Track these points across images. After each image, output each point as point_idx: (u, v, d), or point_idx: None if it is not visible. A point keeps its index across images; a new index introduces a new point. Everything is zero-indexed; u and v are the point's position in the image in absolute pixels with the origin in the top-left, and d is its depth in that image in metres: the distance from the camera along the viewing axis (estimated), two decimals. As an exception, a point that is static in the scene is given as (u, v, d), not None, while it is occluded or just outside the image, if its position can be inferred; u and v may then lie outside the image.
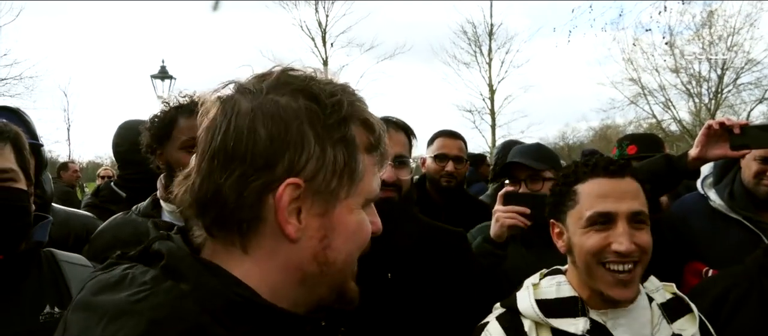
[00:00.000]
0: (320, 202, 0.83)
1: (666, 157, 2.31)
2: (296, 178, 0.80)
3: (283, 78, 0.85)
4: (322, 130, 0.82)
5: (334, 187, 0.83)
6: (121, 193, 2.89)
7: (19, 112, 2.11)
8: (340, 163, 0.83)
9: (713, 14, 22.64)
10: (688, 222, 2.43)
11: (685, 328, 1.51)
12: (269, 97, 0.82)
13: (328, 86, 0.86)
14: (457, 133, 3.23)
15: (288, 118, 0.80)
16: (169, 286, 0.76)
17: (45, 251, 1.62)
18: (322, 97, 0.83)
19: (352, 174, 0.85)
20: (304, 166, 0.80)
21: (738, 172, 2.36)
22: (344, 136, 0.84)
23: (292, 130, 0.80)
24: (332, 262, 0.86)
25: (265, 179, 0.79)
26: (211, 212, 0.82)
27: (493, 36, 26.72)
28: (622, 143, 3.36)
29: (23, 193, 1.50)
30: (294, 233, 0.81)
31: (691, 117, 24.83)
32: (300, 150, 0.80)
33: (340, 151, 0.83)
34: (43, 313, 1.50)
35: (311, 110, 0.82)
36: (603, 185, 1.48)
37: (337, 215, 0.85)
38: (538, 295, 1.52)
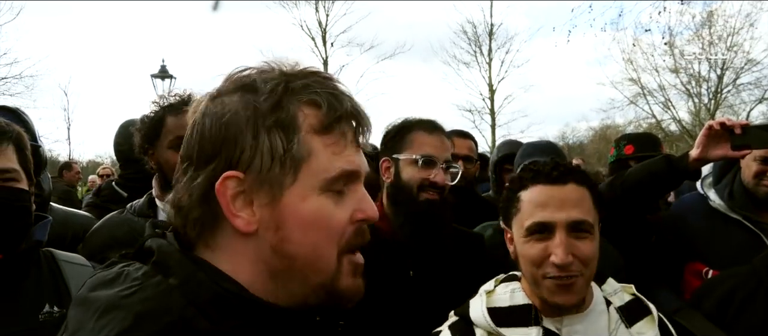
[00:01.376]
0: (266, 192, 0.82)
1: (666, 157, 2.30)
2: (233, 171, 0.80)
3: (235, 77, 0.87)
4: (255, 119, 0.81)
5: (277, 173, 0.81)
6: (123, 192, 2.89)
7: (19, 112, 2.10)
8: (277, 149, 0.81)
9: (713, 14, 22.68)
10: (688, 222, 2.43)
11: (644, 331, 1.46)
12: (218, 100, 0.84)
13: (272, 74, 0.85)
14: (467, 132, 3.24)
15: (226, 114, 0.82)
16: (157, 281, 0.78)
17: (44, 251, 1.63)
18: (259, 86, 0.83)
19: (292, 156, 0.81)
20: (239, 157, 0.81)
21: (738, 172, 2.36)
22: (278, 119, 0.81)
23: (228, 125, 0.81)
24: (293, 255, 0.83)
25: (205, 176, 0.81)
26: (179, 215, 0.85)
27: (493, 36, 26.73)
28: (620, 143, 3.33)
29: (25, 193, 1.50)
30: (245, 226, 0.81)
31: (690, 117, 24.85)
32: (234, 142, 0.81)
33: (275, 136, 0.81)
34: (42, 313, 1.50)
35: (247, 101, 0.82)
36: (543, 193, 1.42)
37: (286, 204, 0.82)
38: (492, 302, 1.47)
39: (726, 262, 2.15)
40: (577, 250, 1.38)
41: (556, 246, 1.38)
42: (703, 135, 2.13)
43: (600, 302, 1.49)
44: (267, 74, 0.85)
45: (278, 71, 0.86)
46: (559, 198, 1.40)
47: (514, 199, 1.48)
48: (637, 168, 2.35)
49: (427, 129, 2.00)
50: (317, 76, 0.87)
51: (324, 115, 0.84)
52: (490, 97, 26.94)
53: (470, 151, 3.12)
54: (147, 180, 2.22)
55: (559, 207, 1.39)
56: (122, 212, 2.10)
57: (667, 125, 25.66)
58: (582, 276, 1.39)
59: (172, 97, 2.00)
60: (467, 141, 3.14)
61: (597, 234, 1.44)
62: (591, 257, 1.40)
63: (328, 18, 25.41)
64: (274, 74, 0.85)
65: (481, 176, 5.98)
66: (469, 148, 3.12)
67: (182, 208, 0.84)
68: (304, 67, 0.88)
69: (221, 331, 0.77)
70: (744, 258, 2.02)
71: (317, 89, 0.84)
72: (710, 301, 1.87)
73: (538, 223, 1.40)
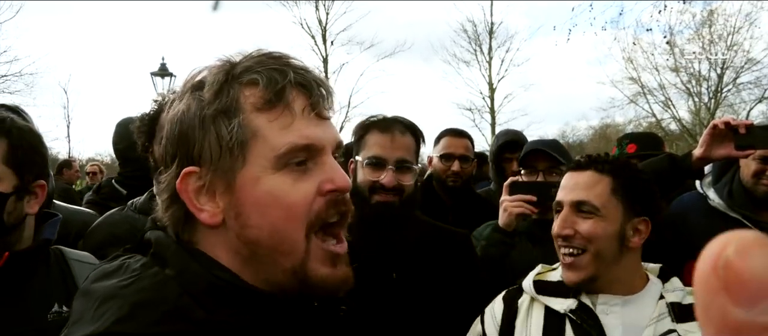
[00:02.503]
0: (222, 181, 0.83)
1: (669, 156, 2.30)
2: (190, 167, 0.83)
3: (188, 79, 0.89)
4: (201, 111, 0.83)
5: (228, 160, 0.82)
6: (122, 190, 2.91)
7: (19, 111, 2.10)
8: (223, 135, 0.81)
9: (713, 13, 22.65)
10: (687, 221, 2.43)
11: (693, 330, 1.49)
12: (175, 103, 0.88)
13: (220, 66, 0.86)
14: (464, 131, 3.20)
15: (178, 114, 0.85)
16: (154, 271, 0.81)
17: (54, 249, 1.61)
18: (205, 82, 0.85)
19: (237, 140, 0.81)
20: (193, 152, 0.83)
21: (737, 171, 2.36)
22: (220, 106, 0.82)
23: (181, 123, 0.84)
24: (255, 240, 0.82)
25: (171, 175, 0.85)
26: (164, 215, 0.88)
27: (494, 34, 26.70)
28: (622, 142, 3.35)
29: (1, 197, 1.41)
30: (209, 219, 0.83)
31: (690, 116, 24.83)
32: (187, 139, 0.83)
33: (220, 124, 0.82)
34: (51, 312, 1.48)
35: (195, 97, 0.84)
36: (567, 178, 1.65)
37: (240, 188, 0.82)
38: (543, 277, 1.67)
39: (725, 261, 2.16)
40: (577, 225, 1.55)
41: (558, 219, 1.60)
42: (707, 134, 2.12)
43: (651, 294, 1.56)
44: (214, 68, 0.86)
45: (224, 61, 0.86)
46: (574, 181, 1.60)
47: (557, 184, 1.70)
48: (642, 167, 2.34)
49: (380, 128, 1.90)
50: (264, 56, 0.86)
51: (262, 90, 0.82)
52: (490, 95, 26.93)
53: (467, 150, 3.09)
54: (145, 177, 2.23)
55: (572, 189, 1.60)
56: (123, 209, 2.11)
57: (667, 124, 25.65)
58: (587, 252, 1.52)
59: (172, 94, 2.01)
60: (463, 140, 3.11)
61: (612, 219, 1.54)
62: (592, 235, 1.53)
63: (328, 16, 25.40)
64: (219, 64, 0.86)
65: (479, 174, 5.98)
66: (466, 148, 3.10)
67: (161, 206, 0.88)
68: (253, 51, 0.87)
69: (216, 319, 0.78)
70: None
71: (258, 68, 0.83)
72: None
73: (557, 202, 1.64)
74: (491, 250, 2.16)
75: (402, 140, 1.88)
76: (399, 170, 1.86)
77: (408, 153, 1.89)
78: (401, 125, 1.91)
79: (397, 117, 1.95)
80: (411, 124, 1.94)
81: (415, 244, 1.92)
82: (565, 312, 1.53)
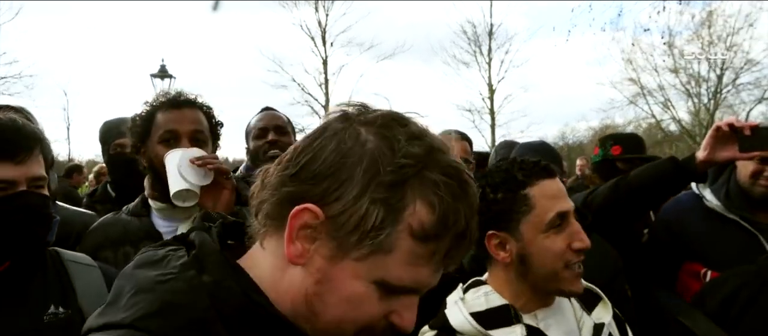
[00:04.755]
0: (332, 247, 0.79)
1: (672, 159, 2.27)
2: (317, 207, 0.77)
3: (389, 114, 0.83)
4: (371, 180, 0.76)
5: (352, 242, 0.77)
6: (113, 193, 2.99)
7: (24, 112, 2.11)
8: (367, 222, 0.76)
9: (712, 14, 22.66)
10: (684, 223, 2.41)
11: (602, 316, 1.51)
12: (356, 128, 0.80)
13: (417, 147, 0.78)
14: (462, 133, 3.21)
15: (352, 152, 0.78)
16: (191, 275, 0.80)
17: (50, 250, 1.62)
18: (398, 147, 0.77)
19: (374, 241, 0.76)
20: (332, 201, 0.77)
21: (733, 171, 2.34)
22: (389, 199, 0.76)
23: (346, 164, 0.77)
24: (318, 313, 0.81)
25: (295, 190, 0.79)
26: (257, 200, 0.84)
27: (493, 36, 26.69)
28: (606, 143, 3.30)
29: (49, 200, 1.50)
30: (293, 256, 0.80)
31: (690, 117, 24.85)
32: (339, 185, 0.77)
33: (375, 211, 0.76)
34: (47, 313, 1.49)
35: (376, 155, 0.77)
36: (552, 185, 1.45)
37: (339, 269, 0.79)
38: (469, 308, 1.45)
39: (724, 262, 2.15)
40: None
41: (578, 232, 1.43)
42: (711, 136, 2.09)
43: None
44: (413, 143, 0.78)
45: (425, 148, 0.79)
46: (561, 188, 1.46)
47: (521, 199, 1.43)
48: (642, 170, 2.32)
49: None
50: (456, 177, 0.79)
51: (431, 225, 0.77)
52: (489, 96, 26.93)
53: (465, 152, 3.10)
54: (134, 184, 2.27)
55: (565, 197, 1.46)
56: (117, 213, 2.12)
57: (667, 125, 25.69)
58: None
59: (162, 96, 2.02)
60: (462, 142, 3.12)
61: None
62: None
63: (328, 18, 25.39)
64: (420, 149, 0.78)
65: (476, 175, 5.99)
66: (464, 150, 3.10)
67: (263, 199, 0.83)
68: (452, 159, 0.81)
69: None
70: (742, 258, 2.02)
71: (443, 193, 0.77)
72: (713, 301, 1.86)
73: (560, 213, 1.42)
74: None
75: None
76: None
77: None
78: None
79: None
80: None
81: None
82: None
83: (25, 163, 1.42)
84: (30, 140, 1.44)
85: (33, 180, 1.44)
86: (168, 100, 1.97)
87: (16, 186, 1.41)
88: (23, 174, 1.42)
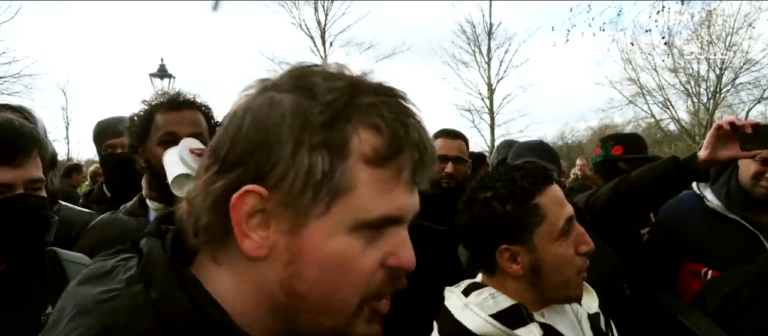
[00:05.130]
0: (288, 217, 0.69)
1: (674, 159, 2.25)
2: (256, 186, 0.68)
3: (294, 72, 0.74)
4: (302, 130, 0.68)
5: (307, 200, 0.68)
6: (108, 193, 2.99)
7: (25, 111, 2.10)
8: (315, 172, 0.68)
9: (712, 14, 22.69)
10: (685, 222, 2.41)
11: (591, 304, 1.52)
12: (268, 94, 0.72)
13: (337, 81, 0.71)
14: (458, 132, 3.20)
15: (270, 116, 0.69)
16: (138, 290, 0.70)
17: (49, 250, 1.62)
18: (317, 92, 0.70)
19: (330, 186, 0.68)
20: (270, 171, 0.68)
21: (734, 171, 2.34)
22: (328, 139, 0.68)
23: (269, 131, 0.69)
24: (303, 295, 0.71)
25: (226, 182, 0.69)
26: (191, 214, 0.74)
27: (492, 35, 26.72)
28: (607, 143, 3.30)
29: (47, 202, 1.49)
30: (253, 250, 0.70)
31: (689, 117, 24.88)
32: (269, 152, 0.68)
33: (319, 158, 0.68)
34: (45, 314, 1.48)
35: (299, 107, 0.69)
36: (555, 191, 1.42)
37: (307, 237, 0.69)
38: (489, 310, 1.39)
39: (724, 262, 2.15)
40: None
41: (582, 235, 1.41)
42: (712, 135, 2.08)
43: None
44: (333, 80, 0.72)
45: (347, 80, 0.72)
46: (561, 193, 1.44)
47: (532, 209, 1.38)
48: (644, 170, 2.31)
49: None
50: (390, 95, 0.73)
51: (383, 145, 0.70)
52: (489, 96, 26.95)
53: (460, 151, 3.08)
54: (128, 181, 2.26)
55: (566, 200, 1.44)
56: (114, 212, 2.12)
57: (666, 125, 25.74)
58: None
59: (160, 95, 2.02)
60: (457, 141, 3.10)
61: None
62: None
63: (328, 17, 25.42)
64: (341, 83, 0.71)
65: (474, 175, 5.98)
66: (459, 149, 3.09)
67: (194, 208, 0.73)
68: (378, 82, 0.74)
69: None
70: (742, 258, 2.02)
71: (384, 112, 0.70)
72: (714, 300, 1.86)
73: (568, 218, 1.39)
74: None
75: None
76: None
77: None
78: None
79: None
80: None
81: None
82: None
83: (23, 165, 1.41)
84: (27, 142, 1.43)
85: (30, 182, 1.44)
86: (167, 101, 1.97)
87: (13, 189, 1.41)
88: (20, 177, 1.41)
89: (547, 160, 2.47)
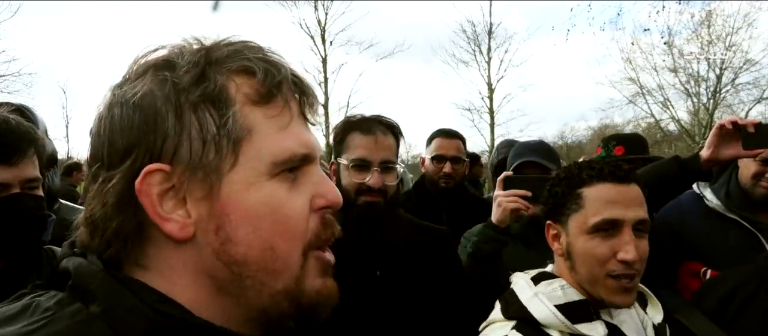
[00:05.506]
0: (201, 184, 0.66)
1: (676, 159, 2.26)
2: (157, 163, 0.64)
3: (142, 58, 0.72)
4: (177, 95, 0.66)
5: (212, 159, 0.66)
6: None
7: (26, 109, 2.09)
8: (209, 128, 0.65)
9: (712, 14, 22.68)
10: (685, 222, 2.41)
11: (655, 314, 1.53)
12: (126, 85, 0.69)
13: (189, 48, 0.70)
14: (455, 132, 3.19)
15: (142, 100, 0.66)
16: (75, 309, 0.63)
17: (46, 249, 1.61)
18: (177, 61, 0.68)
19: (229, 137, 0.66)
20: (162, 146, 0.65)
21: (734, 171, 2.34)
22: (205, 92, 0.66)
23: (144, 108, 0.65)
24: (242, 259, 0.67)
25: (122, 175, 0.65)
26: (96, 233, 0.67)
27: (492, 35, 26.74)
28: (609, 144, 3.30)
29: (43, 201, 1.49)
30: (179, 231, 0.65)
31: (689, 116, 24.85)
32: (154, 128, 0.65)
33: (204, 113, 0.66)
34: None
35: (163, 78, 0.67)
36: (611, 191, 1.43)
37: (227, 195, 0.66)
38: (558, 299, 1.43)
39: (724, 262, 2.14)
40: (640, 248, 1.41)
41: (626, 243, 1.40)
42: (714, 135, 2.08)
43: None
44: (183, 49, 0.70)
45: (196, 44, 0.71)
46: (626, 197, 1.44)
47: (573, 196, 1.47)
48: (646, 170, 2.30)
49: (362, 130, 1.92)
50: (244, 43, 0.72)
51: (260, 82, 0.68)
52: (489, 96, 26.96)
53: (458, 151, 3.07)
54: None
55: (627, 205, 1.42)
56: None
57: (666, 125, 25.70)
58: (639, 274, 1.43)
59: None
60: (454, 141, 3.09)
61: None
62: (647, 255, 1.45)
63: (327, 17, 25.43)
64: (192, 48, 0.70)
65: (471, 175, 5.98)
66: (457, 148, 3.08)
67: (96, 222, 0.67)
68: (226, 37, 0.72)
69: None
70: (742, 258, 2.02)
71: (248, 54, 0.70)
72: (712, 299, 1.86)
73: (607, 220, 1.41)
74: (483, 246, 2.12)
75: (384, 141, 1.92)
76: (383, 171, 1.90)
77: (391, 153, 1.93)
78: (383, 126, 1.94)
79: (378, 117, 1.98)
80: (391, 124, 1.98)
81: (398, 242, 1.95)
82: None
83: (19, 165, 1.41)
84: (23, 142, 1.43)
85: (27, 182, 1.44)
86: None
87: (9, 188, 1.41)
88: (17, 176, 1.41)
89: (548, 159, 2.47)
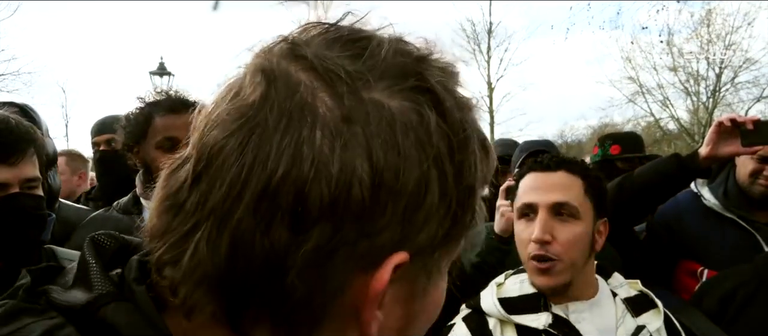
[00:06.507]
0: (410, 284, 0.50)
1: (676, 156, 2.26)
2: (403, 253, 0.46)
3: (390, 57, 0.50)
4: (449, 169, 0.47)
5: (436, 258, 0.50)
6: None
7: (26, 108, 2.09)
8: (461, 225, 0.50)
9: (711, 13, 22.67)
10: (682, 221, 2.41)
11: (650, 321, 1.52)
12: (373, 98, 0.46)
13: (446, 78, 0.53)
14: None
15: (407, 146, 0.45)
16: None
17: (46, 248, 1.61)
18: (448, 108, 0.49)
19: (464, 233, 0.51)
20: (419, 232, 0.47)
21: (732, 170, 2.34)
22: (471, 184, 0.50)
23: (411, 168, 0.45)
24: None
25: (362, 250, 0.45)
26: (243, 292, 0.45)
27: (492, 34, 26.77)
28: (605, 143, 3.30)
29: (43, 200, 1.49)
30: (374, 332, 0.48)
31: (689, 115, 24.89)
32: (417, 203, 0.46)
33: (464, 203, 0.49)
34: None
35: (439, 132, 0.47)
36: (535, 178, 1.53)
37: (431, 294, 0.53)
38: (502, 293, 1.53)
39: (721, 261, 2.15)
40: (556, 231, 1.45)
41: (535, 224, 1.47)
42: (713, 132, 2.09)
43: (606, 293, 1.54)
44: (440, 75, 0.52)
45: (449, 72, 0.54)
46: (546, 182, 1.50)
47: (516, 187, 1.59)
48: (646, 169, 2.31)
49: None
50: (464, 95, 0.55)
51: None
52: (488, 95, 26.97)
53: None
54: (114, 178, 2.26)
55: (545, 190, 1.49)
56: (108, 210, 2.11)
57: (666, 123, 25.72)
58: (561, 261, 1.44)
59: (158, 95, 2.00)
60: None
61: (587, 222, 1.48)
62: (571, 241, 1.45)
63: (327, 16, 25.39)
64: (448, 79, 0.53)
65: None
66: None
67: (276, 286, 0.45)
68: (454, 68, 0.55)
69: None
70: (739, 257, 2.02)
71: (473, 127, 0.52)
72: (711, 299, 1.87)
73: (525, 204, 1.52)
74: (488, 258, 2.10)
75: None
76: None
77: None
78: None
79: None
80: None
81: None
82: (543, 328, 1.43)
83: (18, 164, 1.41)
84: (22, 141, 1.43)
85: (26, 181, 1.44)
86: (166, 102, 1.95)
87: (8, 188, 1.40)
88: (16, 176, 1.41)
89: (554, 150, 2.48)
